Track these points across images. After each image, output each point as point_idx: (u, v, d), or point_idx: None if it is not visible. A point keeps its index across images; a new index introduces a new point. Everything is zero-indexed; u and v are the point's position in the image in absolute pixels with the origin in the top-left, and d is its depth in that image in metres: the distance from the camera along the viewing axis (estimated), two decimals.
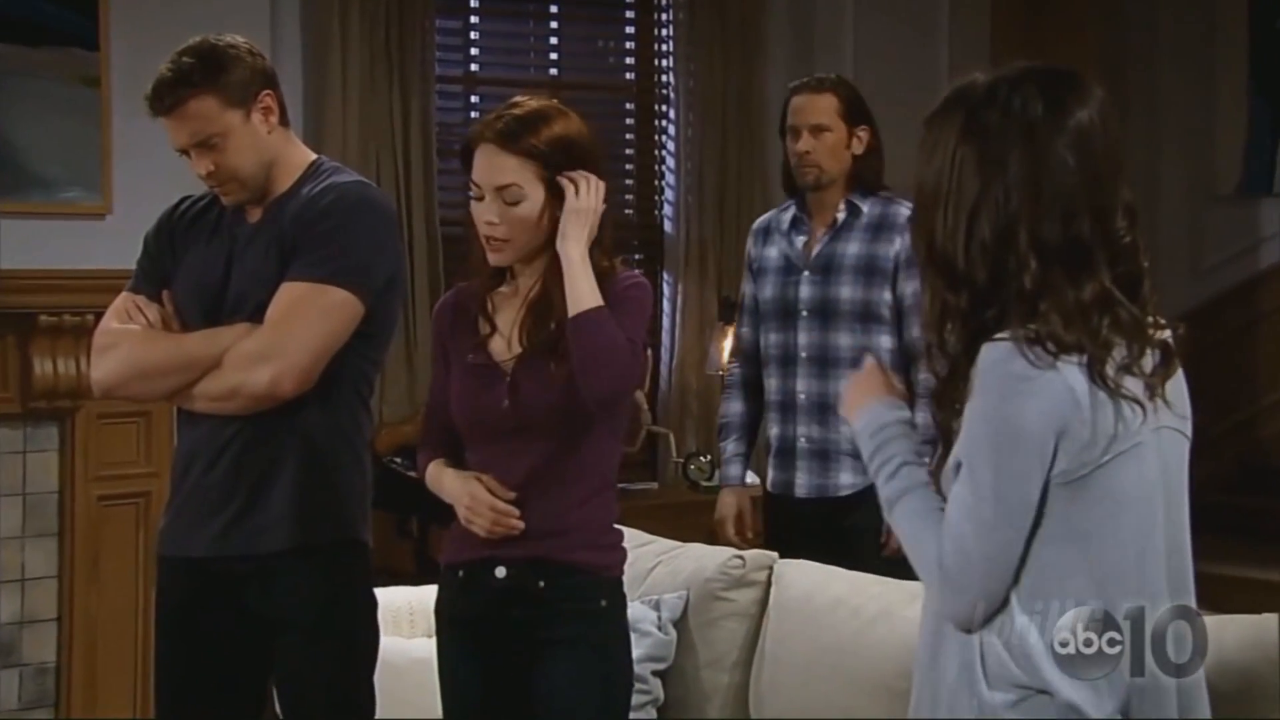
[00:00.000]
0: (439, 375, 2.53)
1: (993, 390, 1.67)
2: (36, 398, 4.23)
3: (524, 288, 2.47)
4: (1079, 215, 1.68)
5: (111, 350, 2.51)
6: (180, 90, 2.44)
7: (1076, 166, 1.68)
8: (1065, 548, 1.67)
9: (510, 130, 2.38)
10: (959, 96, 1.73)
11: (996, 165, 1.68)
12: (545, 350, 2.41)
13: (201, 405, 2.49)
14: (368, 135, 5.01)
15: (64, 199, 4.37)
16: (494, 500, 2.39)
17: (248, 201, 2.53)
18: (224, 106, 2.46)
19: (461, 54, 5.43)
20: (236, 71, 2.47)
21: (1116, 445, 1.68)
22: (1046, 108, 1.70)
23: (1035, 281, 1.67)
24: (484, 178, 2.39)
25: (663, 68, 5.64)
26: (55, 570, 4.31)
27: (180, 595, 2.55)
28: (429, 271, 5.17)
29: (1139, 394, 1.69)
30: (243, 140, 2.47)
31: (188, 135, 2.46)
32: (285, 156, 2.54)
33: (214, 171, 2.48)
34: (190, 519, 2.52)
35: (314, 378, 2.43)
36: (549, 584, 2.43)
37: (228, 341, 2.45)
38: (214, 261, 2.53)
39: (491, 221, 2.39)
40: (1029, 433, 1.65)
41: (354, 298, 2.44)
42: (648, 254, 5.68)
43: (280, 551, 2.46)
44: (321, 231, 2.45)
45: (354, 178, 2.56)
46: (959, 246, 1.70)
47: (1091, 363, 1.67)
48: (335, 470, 2.50)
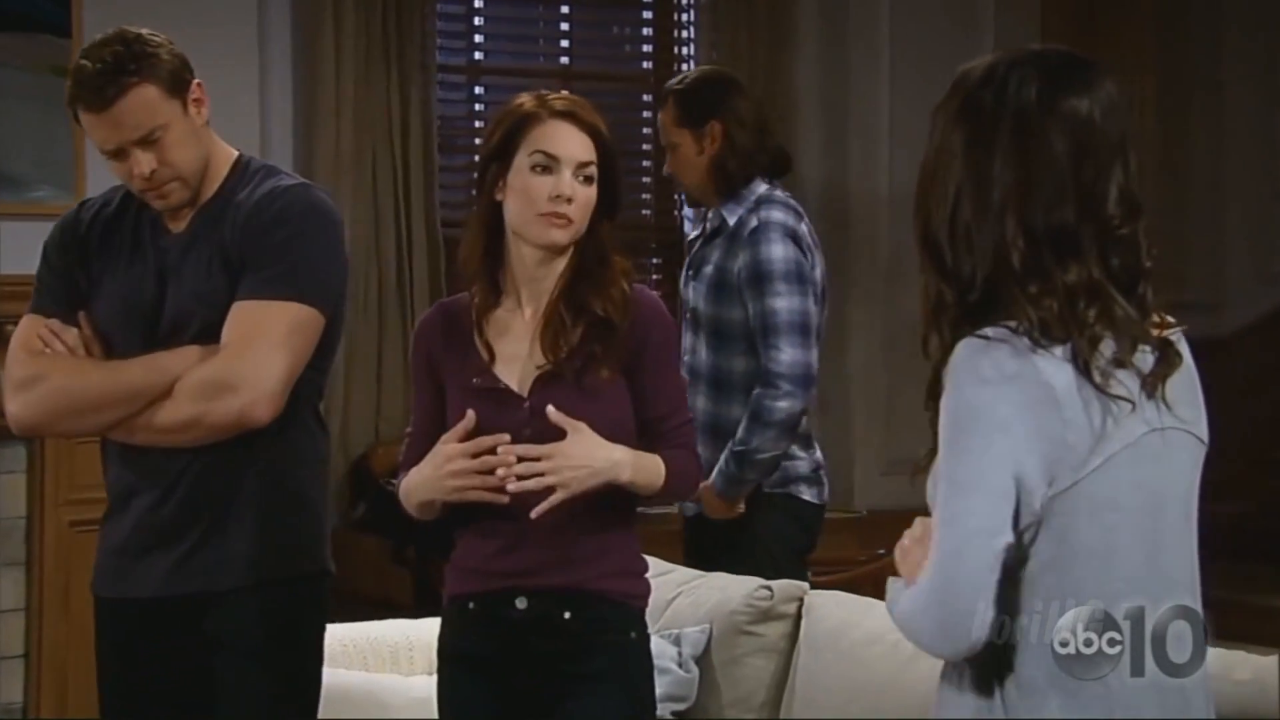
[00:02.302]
0: (425, 399, 2.52)
1: (962, 387, 1.73)
2: (2, 415, 4.23)
3: (528, 305, 2.48)
4: (1065, 201, 1.75)
5: (37, 383, 2.47)
6: (121, 79, 2.42)
7: (1065, 152, 1.75)
8: (1067, 570, 1.72)
9: (580, 109, 2.47)
10: (961, 79, 1.82)
11: (985, 148, 1.76)
12: (567, 369, 2.43)
13: (146, 438, 2.46)
14: (363, 130, 5.01)
15: (33, 198, 4.39)
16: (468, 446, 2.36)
17: (184, 205, 2.51)
18: (164, 96, 2.44)
19: (464, 41, 5.44)
20: (167, 59, 2.46)
21: (1106, 446, 1.72)
22: (1041, 92, 1.77)
23: (1022, 263, 1.74)
24: (567, 150, 2.43)
25: (682, 56, 5.64)
26: (23, 602, 4.32)
27: (121, 634, 2.55)
28: (429, 278, 5.17)
29: (1131, 391, 1.74)
30: (183, 133, 2.46)
31: (129, 130, 2.43)
32: (213, 155, 2.53)
33: (156, 171, 2.45)
34: (133, 558, 2.51)
35: (284, 403, 2.43)
36: (575, 615, 2.43)
37: (176, 368, 2.43)
38: (142, 279, 2.50)
39: (570, 197, 2.43)
40: (1000, 426, 1.71)
41: (315, 313, 2.45)
42: (666, 257, 5.67)
43: (236, 588, 2.46)
44: (276, 243, 2.44)
45: (294, 179, 2.55)
46: (946, 232, 1.78)
47: (1076, 354, 1.73)
48: (296, 495, 2.51)
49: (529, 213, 2.43)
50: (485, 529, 2.46)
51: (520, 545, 2.43)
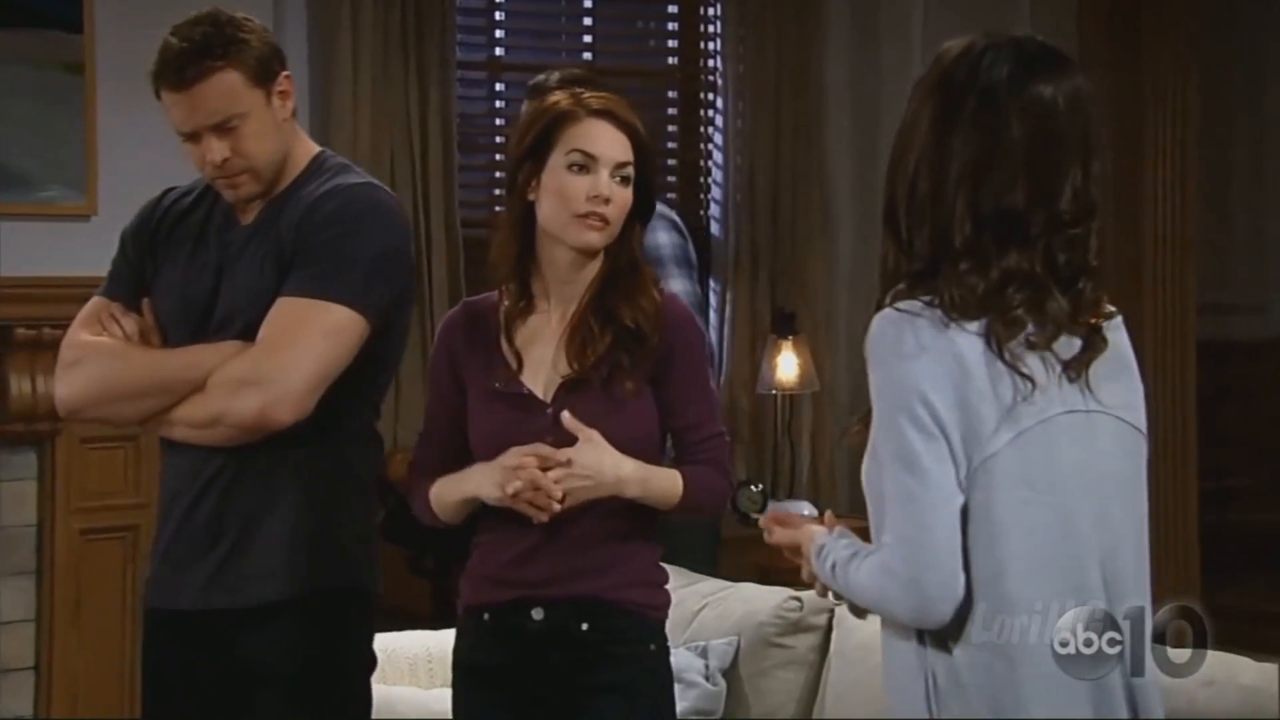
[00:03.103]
0: (444, 398, 2.52)
1: (884, 363, 1.81)
2: (12, 420, 4.25)
3: (556, 310, 2.48)
4: (1016, 187, 1.81)
5: (79, 366, 2.49)
6: (204, 62, 2.40)
7: (1023, 138, 1.82)
8: (991, 547, 1.79)
9: (622, 108, 2.46)
10: (940, 55, 1.89)
11: (949, 122, 1.83)
12: (594, 377, 2.43)
13: (180, 433, 2.47)
14: (381, 128, 5.02)
15: (43, 198, 4.39)
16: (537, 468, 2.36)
17: (256, 198, 2.50)
18: (248, 84, 2.43)
19: (485, 37, 5.44)
20: (257, 47, 2.44)
21: (1018, 422, 1.79)
22: (1011, 74, 1.83)
23: (964, 243, 1.81)
24: (606, 150, 2.43)
25: (709, 51, 5.64)
26: (33, 613, 4.32)
27: (167, 650, 2.54)
28: (449, 280, 5.17)
29: (1039, 372, 1.80)
30: (263, 124, 2.45)
31: (205, 115, 2.42)
32: (293, 149, 2.52)
33: (228, 160, 2.44)
34: (175, 566, 2.51)
35: (309, 407, 2.40)
36: (593, 626, 2.43)
37: (212, 362, 2.42)
38: (201, 272, 2.51)
39: (607, 197, 2.43)
40: (923, 398, 1.78)
41: (358, 317, 2.41)
42: None
43: (270, 603, 2.45)
44: (324, 241, 2.42)
45: (362, 178, 2.53)
46: (905, 203, 1.85)
47: (990, 332, 1.80)
48: (335, 510, 2.47)
49: (565, 213, 2.43)
50: (501, 538, 2.46)
51: (537, 555, 2.44)
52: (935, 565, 1.77)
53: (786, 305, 5.46)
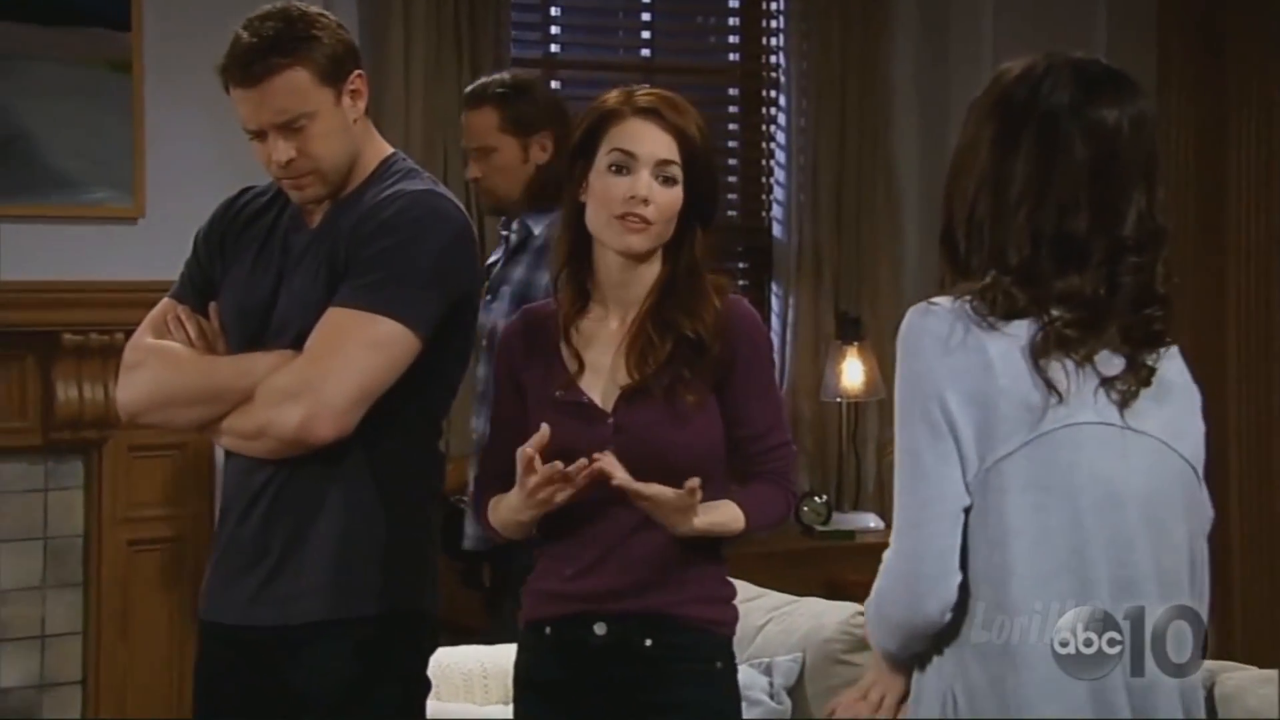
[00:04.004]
0: (506, 409, 2.53)
1: (904, 358, 1.85)
2: (59, 428, 4.29)
3: (615, 314, 2.48)
4: (1078, 211, 1.84)
5: (139, 369, 2.51)
6: (272, 58, 2.39)
7: (1085, 161, 1.84)
8: (999, 548, 1.82)
9: (665, 106, 2.45)
10: (999, 75, 1.92)
11: (1010, 145, 1.86)
12: (654, 386, 2.43)
13: (228, 443, 2.48)
14: (432, 127, 5.03)
15: (90, 200, 4.43)
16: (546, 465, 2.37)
17: (322, 200, 2.49)
18: (317, 83, 2.41)
19: (540, 33, 5.45)
20: (329, 44, 2.43)
21: (1041, 423, 1.81)
22: (1073, 97, 1.86)
23: (1021, 262, 1.84)
24: (645, 148, 2.43)
25: (771, 47, 5.63)
26: (79, 625, 4.35)
27: (216, 664, 2.55)
28: None
29: (1066, 379, 1.83)
30: (331, 125, 2.43)
31: (272, 113, 2.41)
32: (364, 150, 2.51)
33: (294, 160, 2.43)
34: (224, 578, 2.52)
35: (352, 423, 2.39)
36: (657, 642, 2.43)
37: (261, 371, 2.42)
38: (262, 276, 2.51)
39: (646, 198, 2.42)
40: (935, 394, 1.81)
41: (407, 331, 2.40)
42: (754, 262, 5.67)
43: (315, 623, 2.45)
44: (378, 250, 2.41)
45: (425, 184, 2.51)
46: (963, 227, 1.88)
47: (1029, 336, 1.82)
48: (384, 529, 2.46)
49: (605, 215, 2.44)
50: (563, 551, 2.47)
51: (600, 568, 2.44)
52: (927, 564, 1.82)
53: (851, 309, 5.44)
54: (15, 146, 4.34)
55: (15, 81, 4.33)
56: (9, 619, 4.28)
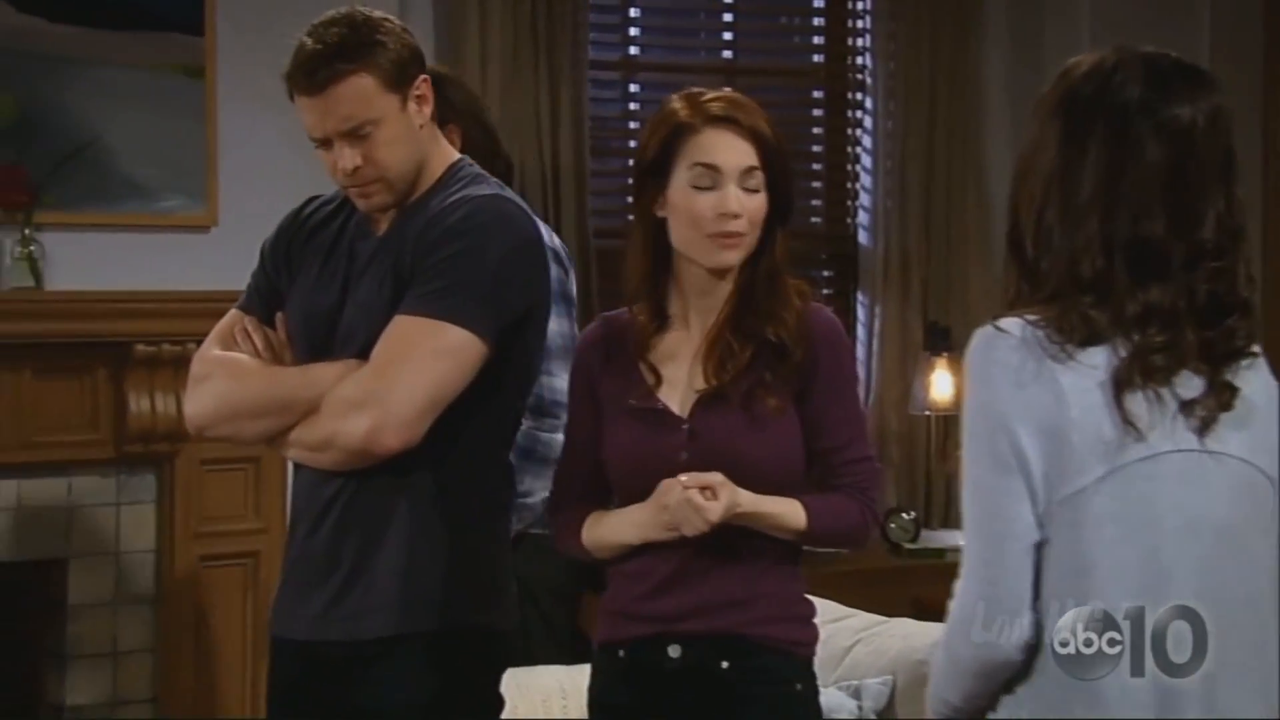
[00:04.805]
0: (583, 420, 2.53)
1: (972, 384, 1.81)
2: (131, 440, 4.32)
3: (695, 324, 2.47)
4: (1153, 215, 1.80)
5: (206, 382, 2.53)
6: (336, 65, 2.41)
7: (1159, 161, 1.80)
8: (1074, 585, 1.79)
9: (737, 110, 2.44)
10: (1065, 72, 1.87)
11: (1078, 145, 1.82)
12: (732, 392, 2.42)
13: (295, 455, 2.49)
14: (509, 131, 5.02)
15: (162, 209, 4.47)
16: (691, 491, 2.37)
17: (388, 208, 2.51)
18: (382, 89, 2.43)
19: (619, 35, 5.46)
20: (394, 49, 2.45)
21: (1116, 456, 1.78)
22: (1145, 94, 1.82)
23: (1094, 273, 1.79)
24: (728, 160, 2.42)
25: (857, 47, 5.61)
26: (151, 643, 4.38)
27: (289, 681, 2.57)
28: (580, 292, 5.14)
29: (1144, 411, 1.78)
30: (397, 131, 2.45)
31: (338, 121, 2.43)
32: (430, 157, 2.52)
33: (360, 168, 2.44)
34: (294, 594, 2.53)
35: (420, 433, 2.38)
36: (734, 664, 2.42)
37: (327, 381, 2.43)
38: (328, 285, 2.52)
39: (736, 213, 2.41)
40: (1003, 425, 1.78)
41: (475, 339, 2.40)
42: (839, 270, 5.65)
43: (384, 638, 2.45)
44: (444, 257, 2.41)
45: (491, 189, 2.52)
46: (1031, 229, 1.83)
47: (1111, 368, 1.78)
48: (455, 542, 2.47)
49: (695, 234, 2.42)
50: (637, 570, 2.46)
51: (674, 588, 2.43)
52: (1002, 602, 1.79)
53: (940, 319, 5.41)
54: (87, 154, 4.38)
55: (87, 87, 4.38)
56: (81, 635, 4.33)
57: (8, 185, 4.28)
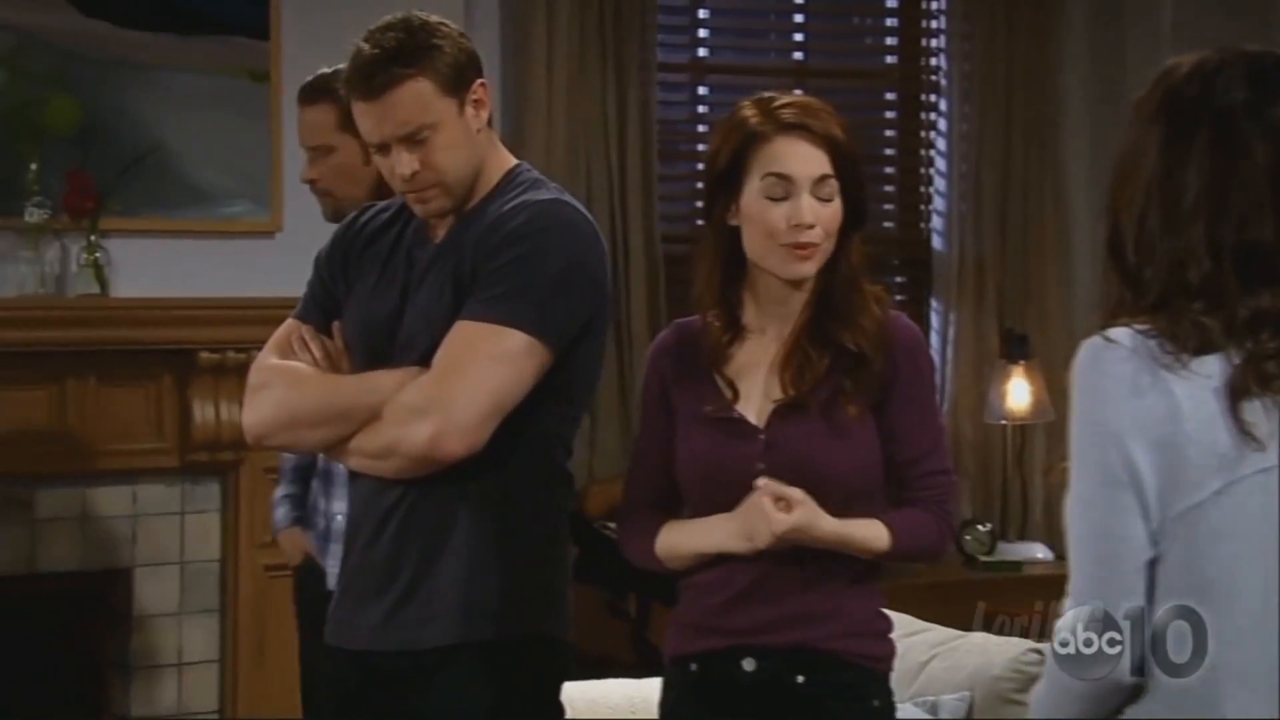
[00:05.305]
0: (656, 427, 2.52)
1: (1080, 397, 1.78)
2: (196, 449, 4.35)
3: (771, 332, 2.46)
4: (1262, 219, 1.78)
5: (264, 391, 2.54)
6: (394, 70, 2.42)
7: (1267, 164, 1.78)
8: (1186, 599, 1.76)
9: (809, 116, 2.43)
10: (1165, 73, 1.85)
11: (1181, 148, 1.79)
12: (811, 401, 2.41)
13: (356, 463, 2.50)
14: (576, 134, 5.06)
15: (227, 214, 4.51)
16: None
17: (447, 213, 2.52)
18: (440, 93, 2.44)
19: (687, 37, 5.46)
20: (451, 53, 2.46)
21: (1232, 470, 1.75)
22: (1250, 95, 1.80)
23: (1202, 279, 1.77)
24: (802, 169, 2.41)
25: (931, 48, 5.59)
26: (216, 653, 4.42)
27: (344, 691, 2.57)
28: (648, 299, 5.18)
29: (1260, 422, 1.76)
30: (455, 135, 2.46)
31: (396, 125, 2.44)
32: (488, 162, 2.54)
33: (418, 173, 2.46)
34: (352, 603, 2.54)
35: (483, 438, 2.39)
36: (810, 679, 2.40)
37: (389, 388, 2.43)
38: (386, 293, 2.53)
39: (811, 223, 2.41)
40: (1115, 439, 1.75)
41: (538, 344, 2.40)
42: (912, 276, 5.62)
43: (444, 647, 2.45)
44: (506, 262, 2.42)
45: (551, 194, 2.52)
46: (1132, 235, 1.82)
47: (1225, 377, 1.75)
48: (515, 550, 2.47)
49: (769, 244, 2.41)
50: (711, 582, 2.45)
51: (749, 600, 2.42)
52: (1109, 626, 1.76)
53: (1017, 326, 5.38)
54: (152, 159, 4.42)
55: (153, 92, 4.42)
56: (146, 646, 4.36)
57: (74, 192, 4.32)
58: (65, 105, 4.34)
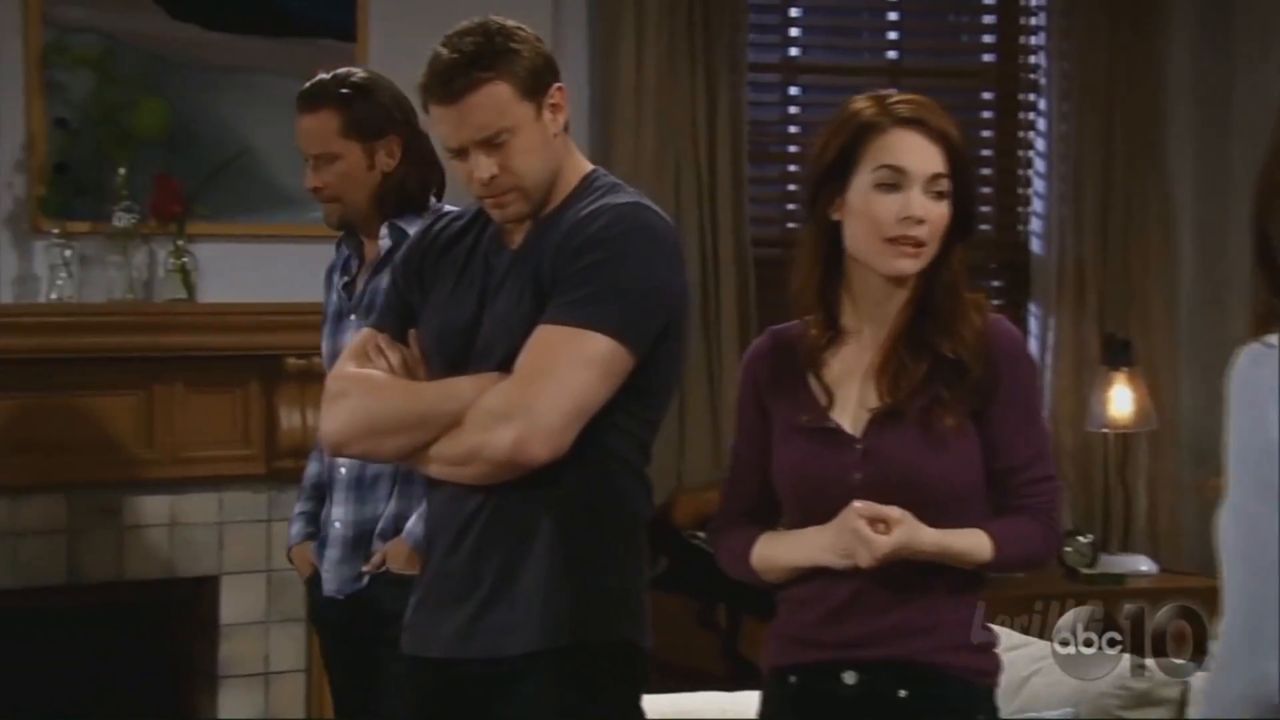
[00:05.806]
0: (751, 436, 2.51)
1: (1236, 408, 1.74)
2: (283, 456, 4.39)
3: (869, 337, 2.44)
4: None
5: (342, 399, 2.56)
6: (472, 73, 2.45)
7: None
8: None
9: (927, 113, 2.42)
10: None
11: None
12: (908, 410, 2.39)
13: (437, 470, 2.51)
14: (665, 136, 5.06)
15: (315, 219, 4.46)
16: None
17: (524, 219, 2.54)
18: (518, 97, 2.47)
19: (779, 36, 5.45)
20: (528, 57, 2.49)
21: None
22: None
23: None
24: (916, 163, 2.40)
25: (1030, 46, 5.55)
26: (304, 663, 4.43)
27: (421, 699, 2.59)
28: (738, 303, 5.17)
29: None
30: (533, 139, 2.48)
31: (474, 130, 2.46)
32: (565, 167, 2.55)
33: (497, 177, 2.48)
34: (430, 612, 2.56)
35: (567, 442, 2.41)
36: (913, 693, 2.38)
37: (469, 394, 2.45)
38: (464, 299, 2.55)
39: (920, 218, 2.39)
40: (1268, 451, 1.71)
41: (621, 347, 2.42)
42: (1010, 280, 5.58)
43: (526, 654, 2.46)
44: (586, 265, 2.44)
45: (630, 197, 2.54)
46: (1278, 242, 1.77)
47: None
48: (595, 555, 2.49)
49: (874, 237, 2.40)
50: (810, 593, 2.44)
51: (850, 612, 2.41)
52: (1267, 648, 1.71)
53: (1119, 332, 5.33)
54: (239, 163, 4.46)
55: (239, 96, 4.46)
56: (232, 655, 4.40)
57: (162, 196, 4.37)
58: (154, 109, 4.38)
